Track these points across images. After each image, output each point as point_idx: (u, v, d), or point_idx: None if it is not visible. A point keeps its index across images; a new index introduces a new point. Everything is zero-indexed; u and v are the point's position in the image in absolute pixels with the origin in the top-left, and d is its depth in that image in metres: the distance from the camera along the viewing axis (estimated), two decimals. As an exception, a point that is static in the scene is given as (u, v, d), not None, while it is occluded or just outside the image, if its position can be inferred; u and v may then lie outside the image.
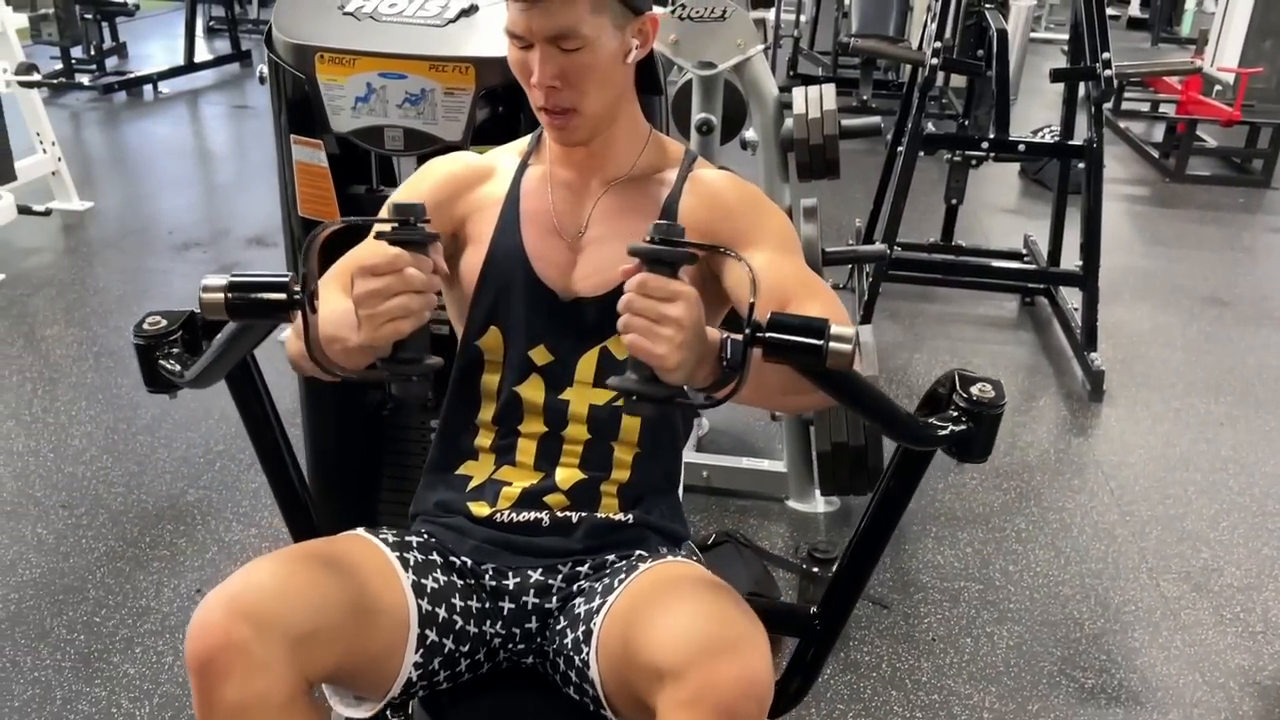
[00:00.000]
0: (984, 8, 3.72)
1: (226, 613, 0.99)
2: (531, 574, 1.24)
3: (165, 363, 1.14)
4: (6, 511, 2.52)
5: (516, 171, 1.33)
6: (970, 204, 5.21)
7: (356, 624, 1.08)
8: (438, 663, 1.17)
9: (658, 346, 0.95)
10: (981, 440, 1.04)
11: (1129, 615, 2.34)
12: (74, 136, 5.86)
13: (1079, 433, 3.16)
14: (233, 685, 0.97)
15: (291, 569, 1.05)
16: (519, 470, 1.27)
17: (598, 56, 1.17)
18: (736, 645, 0.97)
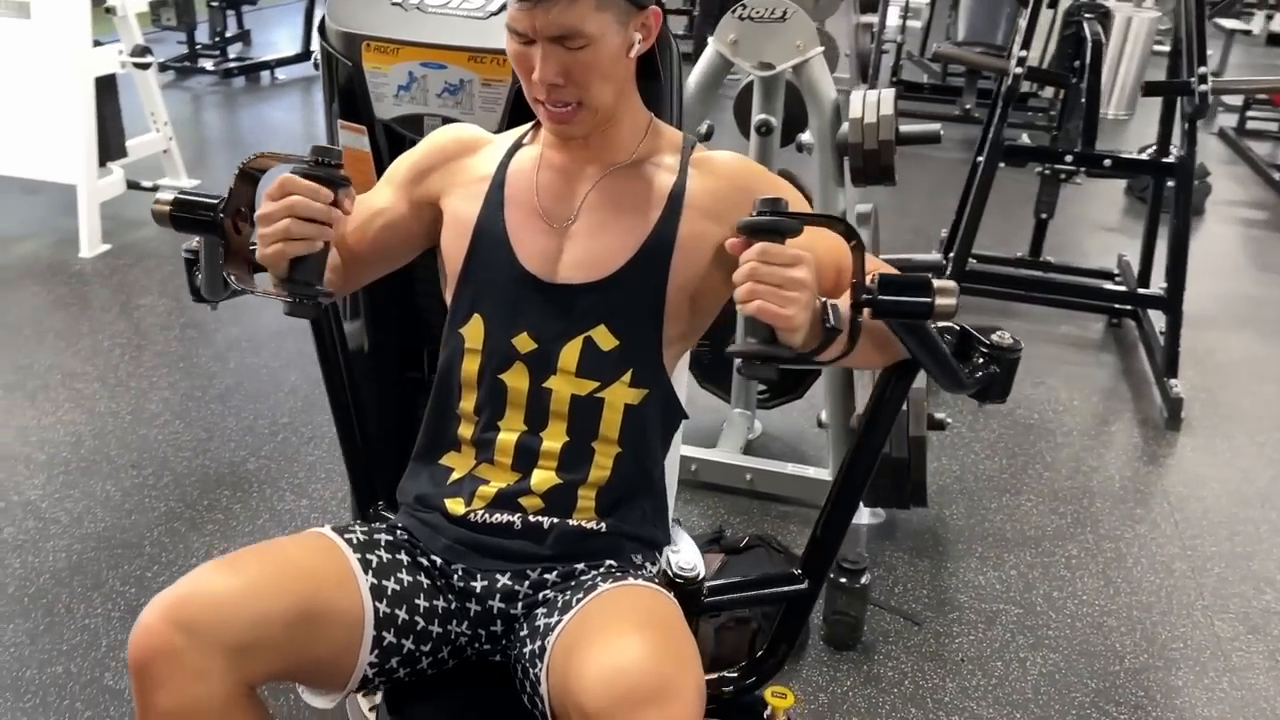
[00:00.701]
0: (1083, 17, 3.59)
1: (165, 620, 1.02)
2: (500, 578, 1.24)
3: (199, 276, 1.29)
4: (82, 468, 2.67)
5: (506, 153, 1.34)
6: (1070, 220, 5.06)
7: (303, 631, 1.10)
8: (395, 661, 1.19)
9: (787, 308, 1.02)
10: (1002, 382, 1.17)
11: (1175, 652, 2.25)
12: (192, 118, 6.14)
13: (1149, 461, 3.04)
14: (167, 691, 1.02)
15: (238, 578, 1.08)
16: (497, 469, 1.27)
17: (601, 54, 1.18)
18: (661, 694, 0.98)
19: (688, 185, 1.28)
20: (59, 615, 2.16)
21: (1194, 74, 2.98)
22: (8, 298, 3.63)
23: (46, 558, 2.32)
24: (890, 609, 2.32)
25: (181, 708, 1.02)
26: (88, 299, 3.67)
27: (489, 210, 1.29)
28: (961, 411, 3.21)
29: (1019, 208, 4.78)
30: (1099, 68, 3.30)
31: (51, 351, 3.26)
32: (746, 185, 1.27)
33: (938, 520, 2.66)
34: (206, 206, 1.20)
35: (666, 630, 1.08)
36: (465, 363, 1.28)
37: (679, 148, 1.32)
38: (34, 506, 2.50)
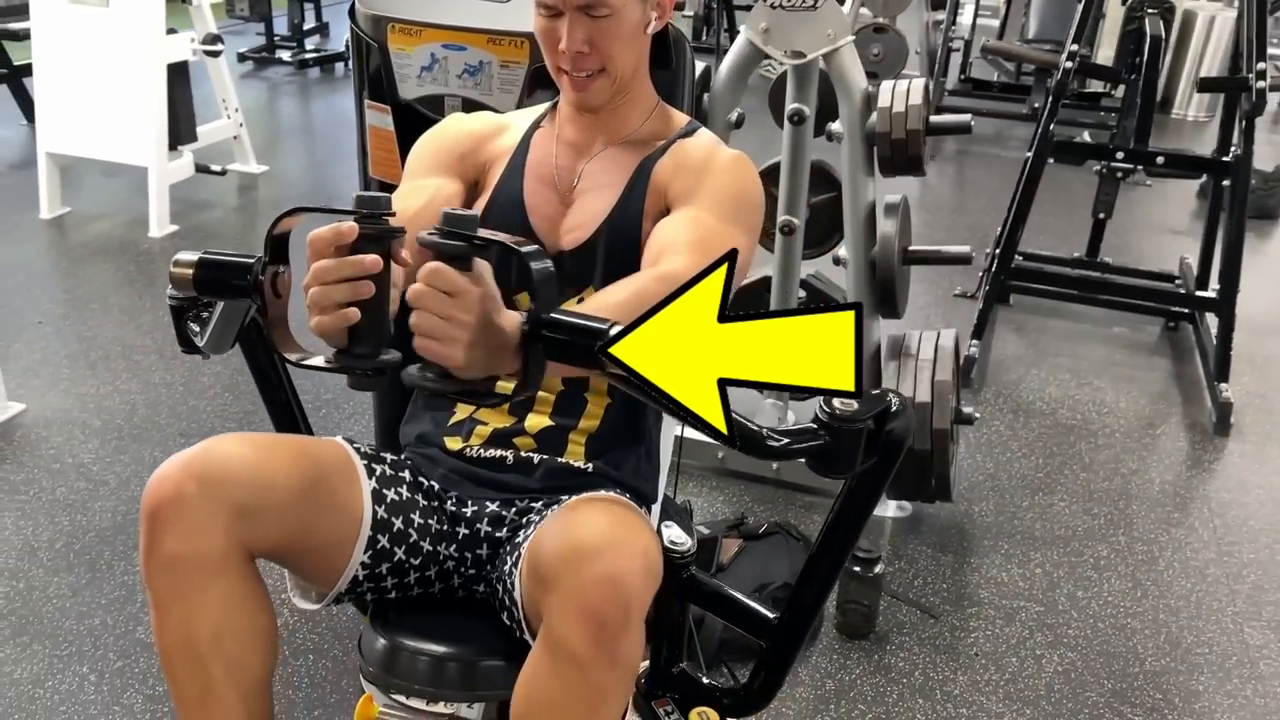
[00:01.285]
0: (1145, 13, 3.52)
1: (181, 471, 1.09)
2: (489, 505, 1.31)
3: (193, 325, 1.19)
4: (133, 434, 2.79)
5: (528, 129, 1.42)
6: (1136, 222, 4.95)
7: (306, 510, 1.16)
8: (385, 568, 1.25)
9: (447, 348, 0.91)
10: (843, 456, 0.96)
11: (1199, 657, 2.20)
12: (267, 106, 6.33)
13: (1193, 465, 2.97)
14: (172, 537, 1.08)
15: (255, 448, 1.14)
16: (495, 412, 1.36)
17: (623, 23, 1.27)
18: (601, 549, 1.01)
19: (658, 161, 1.35)
20: (100, 571, 2.26)
21: (1252, 70, 2.90)
22: (80, 273, 3.80)
23: (94, 517, 2.44)
24: (907, 600, 2.31)
25: (182, 553, 1.08)
26: (153, 276, 3.82)
27: (509, 177, 1.37)
28: (1000, 410, 3.17)
29: (1081, 208, 4.69)
30: (1156, 64, 3.23)
31: (115, 325, 3.40)
32: (680, 167, 1.33)
33: (965, 516, 2.64)
34: (239, 269, 1.06)
35: (622, 509, 1.12)
36: None
37: (677, 129, 1.40)
38: (86, 469, 2.62)
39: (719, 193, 1.28)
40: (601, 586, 0.99)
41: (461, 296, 0.90)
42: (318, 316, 0.93)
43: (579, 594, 1.00)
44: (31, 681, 1.96)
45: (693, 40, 8.18)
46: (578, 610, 0.99)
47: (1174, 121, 7.15)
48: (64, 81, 4.10)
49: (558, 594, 1.01)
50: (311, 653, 2.06)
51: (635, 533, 1.06)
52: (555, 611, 1.01)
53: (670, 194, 1.31)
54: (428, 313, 0.91)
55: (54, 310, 3.50)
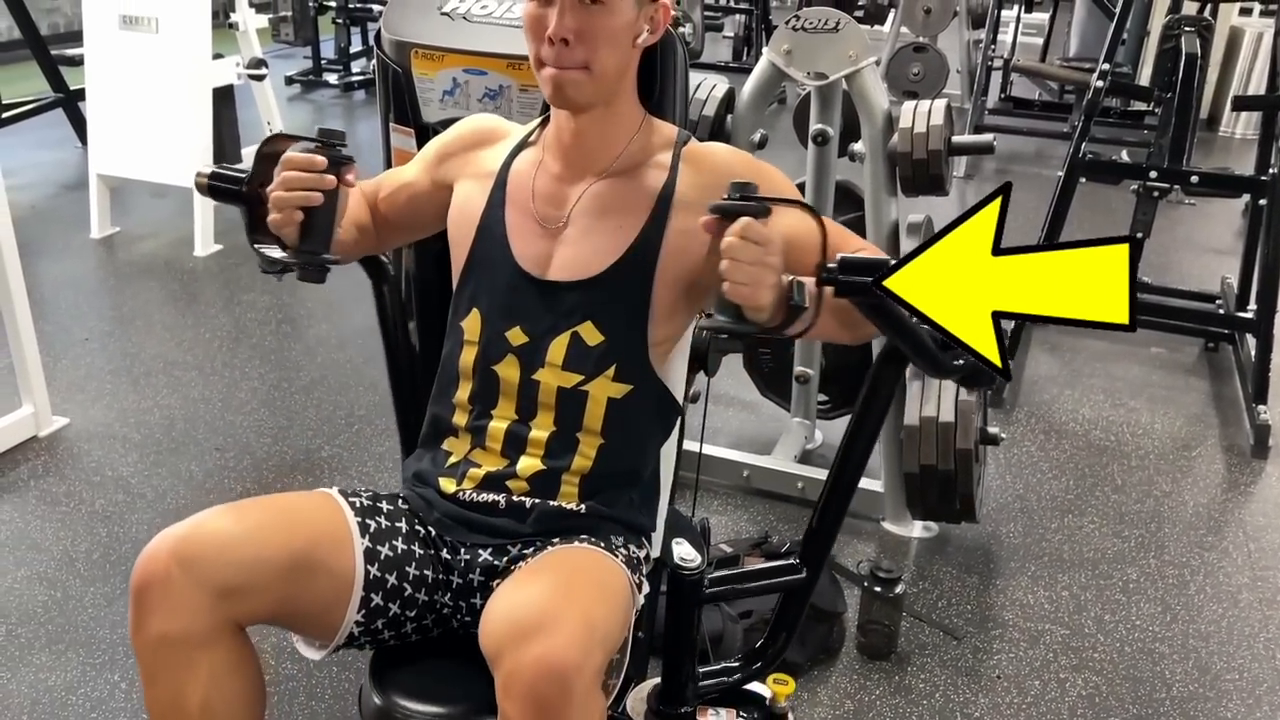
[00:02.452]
0: (1183, 30, 3.48)
1: (168, 554, 1.13)
2: (482, 553, 1.31)
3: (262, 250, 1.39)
4: (171, 448, 2.86)
5: (511, 151, 1.40)
6: (1179, 241, 4.89)
7: (294, 581, 1.19)
8: (380, 623, 1.27)
9: (757, 291, 1.05)
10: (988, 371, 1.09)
11: (1228, 684, 2.16)
12: (311, 127, 6.39)
13: (1229, 488, 2.92)
14: (158, 617, 1.12)
15: (240, 523, 1.18)
16: (488, 454, 1.34)
17: (615, 19, 1.23)
18: (539, 629, 1.03)
19: (677, 183, 1.32)
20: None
21: (1289, 86, 2.87)
22: (126, 291, 3.91)
23: (130, 529, 2.50)
24: (930, 622, 2.30)
25: (169, 634, 1.12)
26: (196, 294, 3.92)
27: (491, 209, 1.37)
28: (1031, 431, 3.14)
29: (1124, 228, 4.63)
30: (1192, 82, 3.20)
31: (158, 341, 3.49)
32: (728, 172, 1.27)
33: (992, 537, 2.62)
34: (234, 179, 1.34)
35: (573, 574, 1.14)
36: (463, 354, 1.36)
37: (672, 143, 1.35)
38: (124, 481, 2.69)
39: (787, 188, 1.34)
40: (536, 667, 1.01)
41: (769, 245, 1.07)
42: (275, 215, 1.20)
43: (517, 675, 1.02)
44: (65, 689, 2.02)
45: (732, 61, 8.22)
46: (518, 692, 1.02)
47: (1221, 139, 7.05)
48: (115, 105, 4.23)
49: (499, 673, 1.04)
50: (330, 696, 2.07)
51: (573, 604, 1.07)
52: (500, 690, 1.04)
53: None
54: (741, 261, 1.05)
55: (100, 327, 3.60)
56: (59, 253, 4.22)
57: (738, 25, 8.53)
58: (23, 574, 2.33)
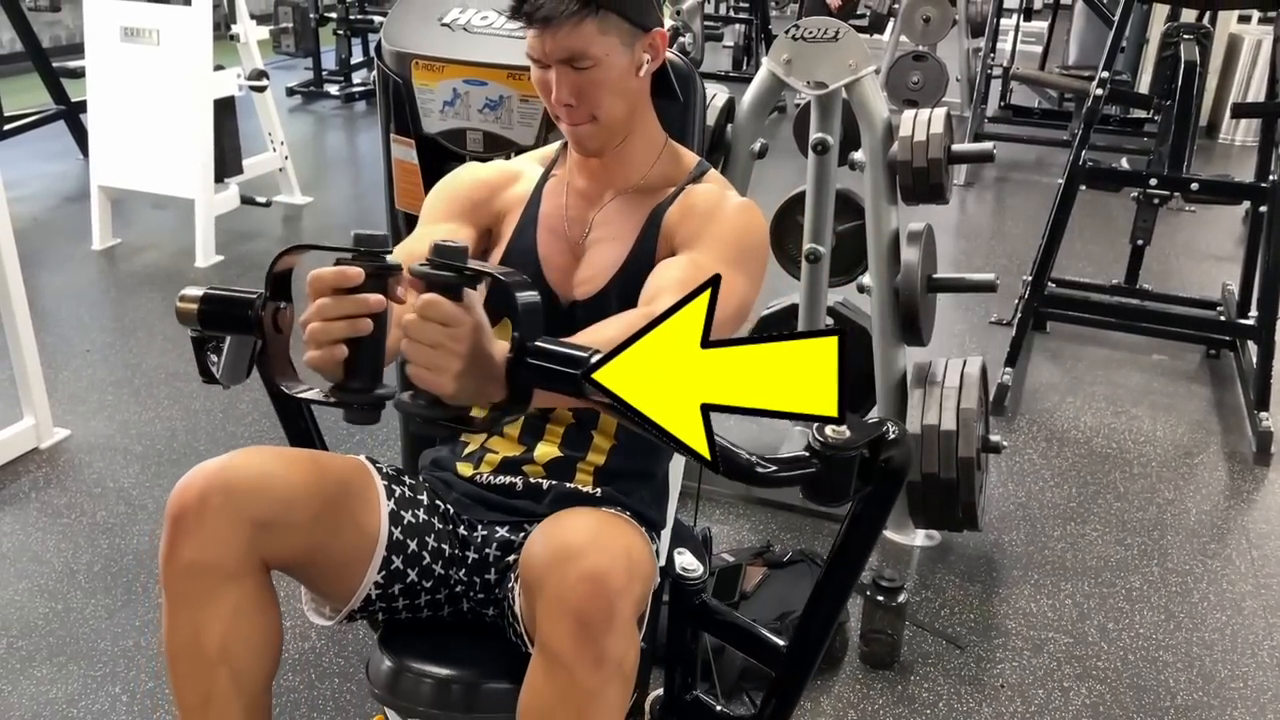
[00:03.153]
0: (1181, 39, 3.49)
1: (206, 481, 1.14)
2: (499, 530, 1.34)
3: (212, 355, 1.23)
4: (173, 460, 2.86)
5: (540, 177, 1.44)
6: (1177, 248, 4.89)
7: (324, 527, 1.20)
8: (397, 589, 1.28)
9: (438, 376, 0.92)
10: (835, 484, 0.96)
11: (1232, 692, 2.16)
12: (313, 139, 6.47)
13: (1231, 495, 2.91)
14: (191, 544, 1.12)
15: (277, 463, 1.19)
16: (505, 441, 1.39)
17: (609, 73, 1.27)
18: (583, 549, 1.04)
19: (668, 209, 1.36)
20: (136, 594, 2.32)
21: (1286, 95, 2.87)
22: (127, 302, 3.91)
23: (131, 540, 2.50)
24: (932, 630, 2.29)
25: (200, 561, 1.12)
26: (197, 305, 3.91)
27: (523, 227, 1.40)
28: (1033, 438, 3.14)
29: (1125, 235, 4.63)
30: (1191, 89, 3.20)
31: (159, 352, 3.49)
32: (687, 213, 1.35)
33: (995, 546, 2.62)
34: (241, 304, 1.10)
35: (610, 515, 1.15)
36: None
37: (687, 173, 1.41)
38: (126, 493, 2.69)
39: (722, 238, 1.30)
40: (583, 584, 1.02)
41: (454, 327, 0.92)
42: (314, 351, 0.95)
43: (562, 594, 1.02)
44: (66, 701, 2.01)
45: (732, 70, 8.24)
46: (562, 611, 1.02)
47: (1221, 146, 7.06)
48: (116, 117, 4.24)
49: (544, 597, 1.04)
50: (337, 676, 2.09)
51: (618, 533, 1.08)
52: (542, 615, 1.04)
53: (677, 239, 1.33)
54: (420, 343, 0.92)
55: (102, 338, 3.60)
56: (60, 264, 4.23)
57: (737, 35, 8.55)
58: (24, 586, 2.33)
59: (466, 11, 1.90)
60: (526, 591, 1.10)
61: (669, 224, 1.35)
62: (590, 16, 1.22)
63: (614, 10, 1.25)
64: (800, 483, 0.98)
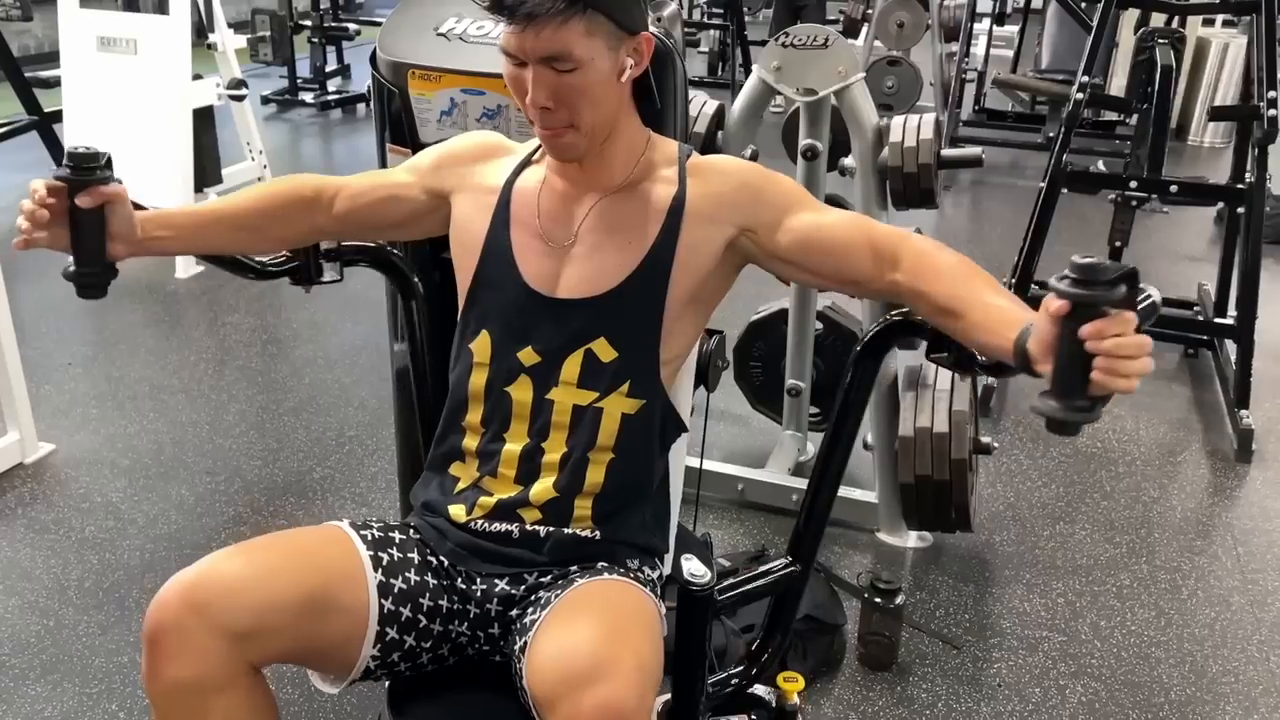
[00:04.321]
0: (1156, 43, 3.54)
1: (180, 600, 1.11)
2: (498, 582, 1.30)
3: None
4: (160, 473, 2.83)
5: (514, 170, 1.38)
6: (1153, 249, 4.96)
7: (309, 620, 1.17)
8: (396, 656, 1.26)
9: (1132, 381, 0.95)
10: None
11: (1225, 687, 2.19)
12: (289, 148, 6.44)
13: (1215, 493, 2.96)
14: (174, 664, 1.10)
15: (251, 565, 1.16)
16: (499, 482, 1.33)
17: (590, 78, 1.20)
18: (598, 675, 1.03)
19: (687, 195, 1.31)
20: (129, 609, 2.29)
21: (1264, 98, 2.92)
22: (107, 314, 3.87)
23: (122, 555, 2.47)
24: (929, 632, 2.31)
25: (185, 680, 1.10)
26: (179, 316, 3.89)
27: (495, 229, 1.35)
28: (1020, 439, 3.17)
29: (1099, 237, 4.69)
30: (1167, 93, 3.25)
31: (142, 365, 3.46)
32: (748, 183, 1.31)
33: (986, 546, 2.64)
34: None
35: (617, 614, 1.13)
36: (474, 377, 1.34)
37: (675, 159, 1.35)
38: (114, 507, 2.66)
39: (797, 191, 1.32)
40: (598, 715, 1.01)
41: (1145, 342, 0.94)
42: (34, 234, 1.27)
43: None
44: (62, 719, 1.99)
45: (708, 75, 8.27)
46: None
47: (1190, 148, 7.16)
48: (93, 127, 4.19)
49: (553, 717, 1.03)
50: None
51: (626, 648, 1.07)
52: None
53: (746, 213, 1.28)
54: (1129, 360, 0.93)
55: (83, 351, 3.56)
56: (39, 277, 4.15)
57: (713, 40, 8.59)
58: (14, 603, 2.30)
59: (463, 21, 1.89)
60: (538, 703, 1.08)
61: (699, 209, 1.30)
62: (577, 16, 1.15)
63: (601, 11, 1.17)
64: None
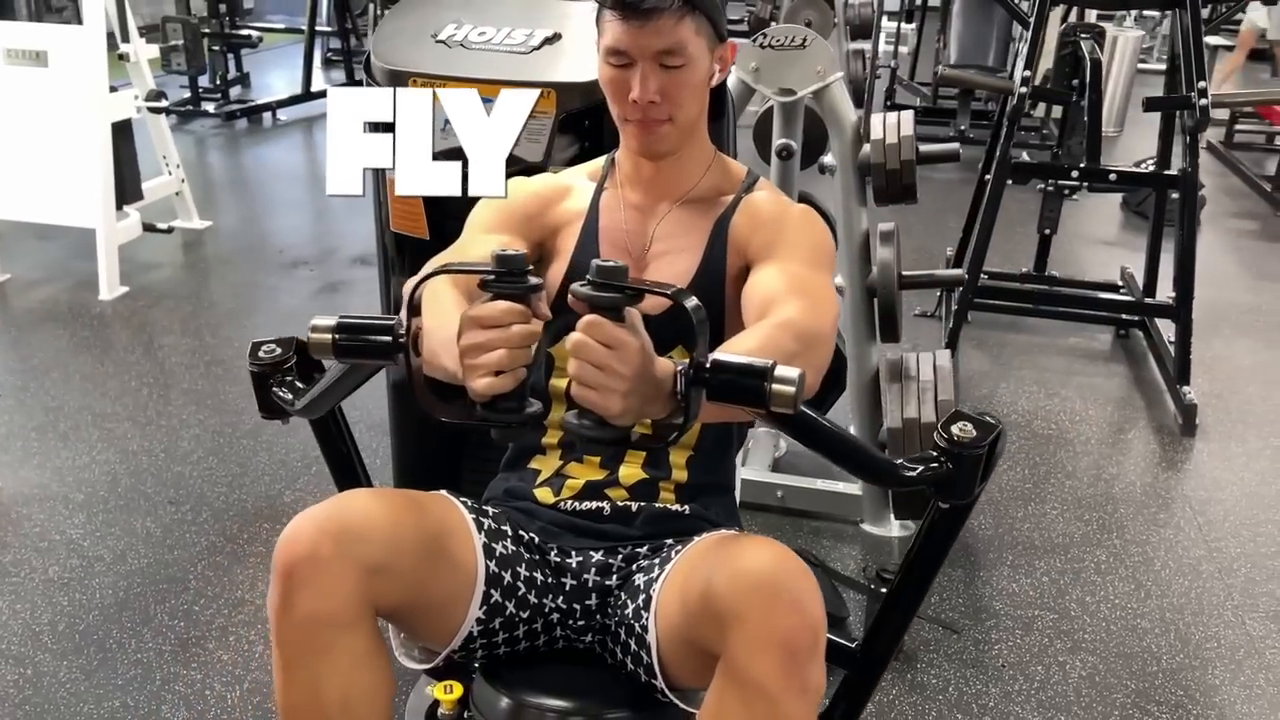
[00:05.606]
0: (1079, 37, 3.68)
1: (316, 529, 1.09)
2: (594, 554, 1.31)
3: (279, 390, 1.20)
4: (120, 505, 2.69)
5: (594, 193, 1.43)
6: (1068, 235, 5.14)
7: (428, 568, 1.17)
8: (498, 623, 1.25)
9: (604, 398, 0.93)
10: (962, 480, 1.04)
11: (1210, 651, 2.29)
12: (197, 160, 6.20)
13: (1168, 467, 3.10)
14: (307, 595, 1.07)
15: (380, 505, 1.15)
16: (585, 466, 1.36)
17: (696, 74, 1.28)
18: (790, 583, 1.03)
19: (733, 219, 1.38)
20: (111, 651, 2.18)
21: (1194, 89, 3.06)
22: (31, 341, 3.67)
23: (94, 595, 2.35)
24: (928, 618, 2.35)
25: (317, 612, 1.08)
26: (110, 341, 3.71)
27: (585, 242, 1.38)
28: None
29: (1019, 225, 4.87)
30: (1099, 85, 3.38)
31: (79, 393, 3.29)
32: (768, 222, 1.36)
33: (966, 531, 2.69)
34: (381, 329, 1.03)
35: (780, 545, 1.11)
36: (553, 378, 1.37)
37: (739, 183, 1.42)
38: (76, 545, 2.52)
39: (800, 244, 1.32)
40: (791, 616, 1.01)
41: (620, 348, 0.94)
42: (483, 380, 0.97)
43: (767, 625, 1.00)
44: (59, 772, 1.88)
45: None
46: (767, 642, 1.00)
47: (1086, 137, 7.46)
48: (1, 144, 3.97)
49: (743, 628, 1.01)
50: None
51: (808, 573, 1.06)
52: (742, 646, 1.01)
53: (751, 249, 1.33)
54: (587, 364, 0.94)
55: (11, 381, 3.37)
56: (-54, 305, 3.94)
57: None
58: (-16, 653, 2.17)
59: (463, 28, 1.86)
60: (709, 624, 1.06)
61: (737, 234, 1.35)
62: (690, 14, 1.24)
63: (705, 13, 1.26)
64: (933, 482, 1.05)
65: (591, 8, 1.63)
